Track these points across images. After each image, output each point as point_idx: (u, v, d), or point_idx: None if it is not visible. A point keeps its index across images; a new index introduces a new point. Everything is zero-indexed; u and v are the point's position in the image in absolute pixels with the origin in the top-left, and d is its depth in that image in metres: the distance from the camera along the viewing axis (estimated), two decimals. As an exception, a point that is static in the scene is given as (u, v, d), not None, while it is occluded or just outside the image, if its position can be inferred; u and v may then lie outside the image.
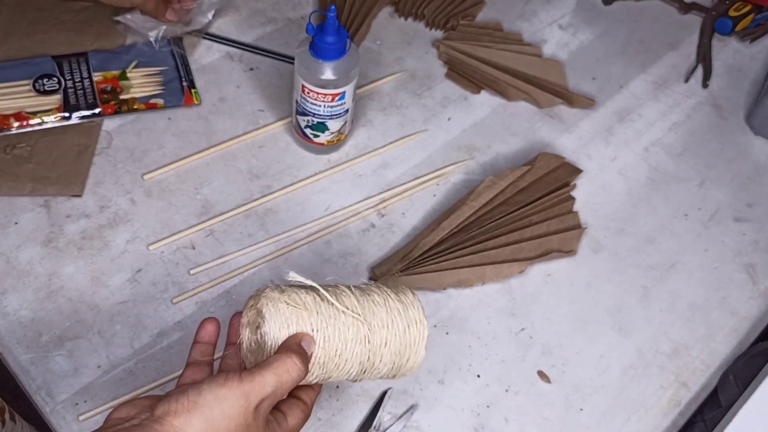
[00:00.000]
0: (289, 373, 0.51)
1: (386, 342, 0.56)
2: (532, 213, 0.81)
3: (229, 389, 0.48)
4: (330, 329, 0.54)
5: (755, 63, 1.02)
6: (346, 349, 0.55)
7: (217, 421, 0.47)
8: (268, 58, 0.92)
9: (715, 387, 0.74)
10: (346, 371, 0.56)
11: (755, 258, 0.83)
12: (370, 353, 0.56)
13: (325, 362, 0.55)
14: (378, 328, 0.56)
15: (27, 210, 0.76)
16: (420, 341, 0.57)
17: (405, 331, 0.57)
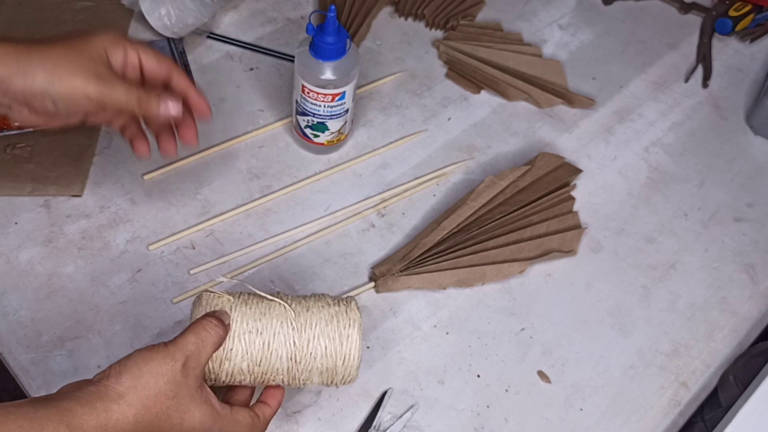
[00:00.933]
0: (207, 331, 0.55)
1: (315, 337, 0.58)
2: (532, 213, 0.81)
3: (155, 351, 0.52)
4: (254, 317, 0.57)
5: (755, 63, 1.02)
6: (269, 337, 0.57)
7: (145, 378, 0.51)
8: (269, 57, 0.92)
9: (715, 387, 0.74)
10: (273, 365, 0.57)
11: (755, 258, 0.83)
12: (297, 343, 0.57)
13: (248, 350, 0.57)
14: (307, 325, 0.58)
15: (27, 210, 0.76)
16: (353, 350, 0.58)
17: (336, 332, 0.58)
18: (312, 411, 0.68)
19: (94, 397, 0.49)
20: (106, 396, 0.50)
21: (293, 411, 0.68)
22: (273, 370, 0.58)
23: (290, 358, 0.57)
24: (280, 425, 0.67)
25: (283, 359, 0.57)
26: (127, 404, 0.50)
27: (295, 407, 0.68)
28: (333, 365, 0.58)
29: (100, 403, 0.49)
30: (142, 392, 0.51)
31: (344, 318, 0.59)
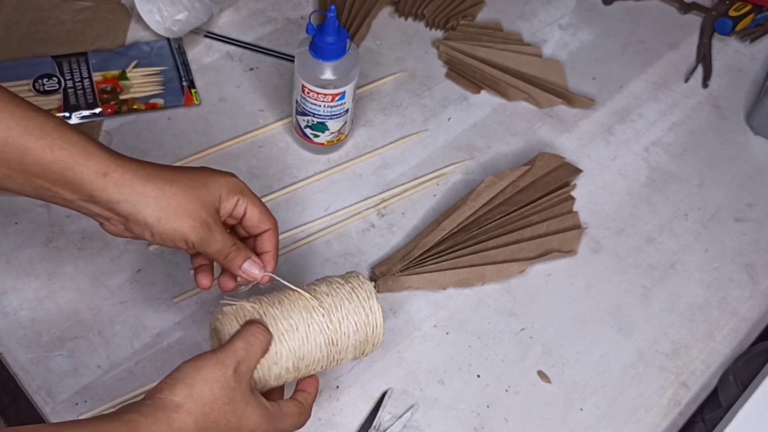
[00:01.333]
0: (256, 336, 0.56)
1: (344, 317, 0.59)
2: (532, 213, 0.81)
3: (205, 359, 0.53)
4: (284, 316, 0.58)
5: (755, 63, 1.02)
6: (305, 329, 0.58)
7: (199, 386, 0.51)
8: (269, 57, 0.92)
9: (715, 387, 0.74)
10: (314, 355, 0.59)
11: (755, 258, 0.83)
12: (330, 326, 0.59)
13: (291, 347, 0.58)
14: (333, 308, 0.59)
15: (27, 210, 0.76)
16: (378, 317, 0.61)
17: (359, 306, 0.60)
18: (312, 411, 0.68)
19: (154, 409, 0.50)
20: (165, 407, 0.50)
21: (293, 411, 0.68)
22: (314, 360, 0.59)
23: (328, 343, 0.59)
24: (280, 425, 0.67)
25: (322, 346, 0.59)
26: (186, 413, 0.50)
27: (295, 407, 0.68)
28: (364, 337, 0.61)
29: (161, 413, 0.50)
30: (199, 400, 0.51)
31: (361, 291, 0.61)
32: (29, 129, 0.53)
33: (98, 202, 0.55)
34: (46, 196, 0.56)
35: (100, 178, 0.55)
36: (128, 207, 0.56)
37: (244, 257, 0.61)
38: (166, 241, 0.57)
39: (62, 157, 0.54)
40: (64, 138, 0.54)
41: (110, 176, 0.55)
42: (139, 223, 0.56)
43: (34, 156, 0.53)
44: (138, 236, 0.58)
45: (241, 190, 0.61)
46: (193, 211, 0.57)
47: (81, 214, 0.58)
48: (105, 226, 0.59)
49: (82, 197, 0.55)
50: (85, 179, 0.54)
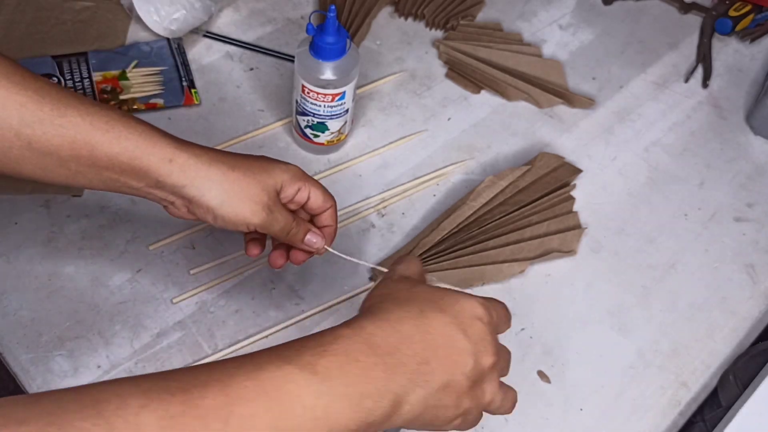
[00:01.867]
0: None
1: None
2: (532, 213, 0.81)
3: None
4: None
5: (755, 63, 1.02)
6: None
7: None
8: (269, 57, 0.92)
9: (715, 387, 0.74)
10: None
11: (755, 258, 0.83)
12: None
13: None
14: None
15: (27, 210, 0.76)
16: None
17: None
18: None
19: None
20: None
21: (293, 411, 0.68)
22: None
23: None
24: (280, 425, 0.67)
25: None
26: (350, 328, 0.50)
27: (295, 407, 0.68)
28: None
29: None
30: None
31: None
32: (95, 124, 0.55)
33: (164, 187, 0.58)
34: (114, 187, 0.58)
35: (165, 164, 0.57)
36: (192, 191, 0.58)
37: (305, 231, 0.64)
38: (227, 224, 0.59)
39: (129, 147, 0.56)
40: (129, 129, 0.57)
41: (175, 162, 0.57)
42: (202, 206, 0.58)
43: (103, 149, 0.55)
44: (201, 218, 0.60)
45: (304, 178, 0.63)
46: (255, 195, 0.59)
47: (146, 199, 0.60)
48: (169, 209, 0.61)
49: (149, 184, 0.58)
50: (152, 166, 0.57)
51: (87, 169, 0.56)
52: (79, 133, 0.55)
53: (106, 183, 0.57)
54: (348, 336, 0.46)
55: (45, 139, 0.54)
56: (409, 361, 0.47)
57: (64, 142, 0.55)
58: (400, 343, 0.47)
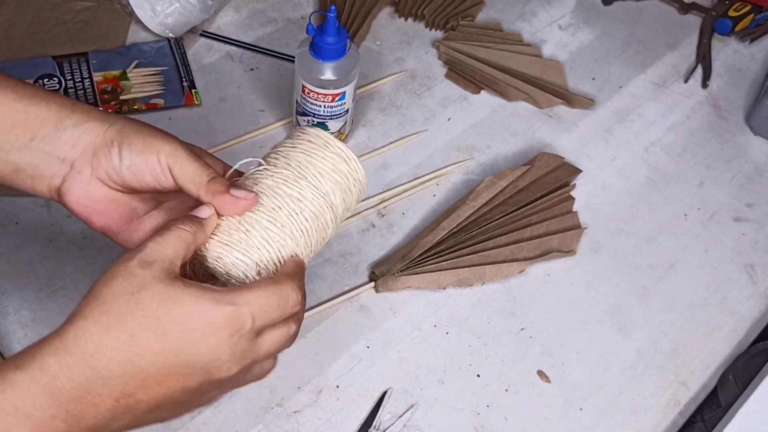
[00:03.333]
0: (171, 230, 0.47)
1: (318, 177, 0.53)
2: (531, 213, 0.81)
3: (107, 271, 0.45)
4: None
5: (755, 63, 1.02)
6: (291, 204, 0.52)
7: (96, 291, 0.44)
8: (269, 57, 0.92)
9: (715, 387, 0.74)
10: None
11: (755, 258, 0.83)
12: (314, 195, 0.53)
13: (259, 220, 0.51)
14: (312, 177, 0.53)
15: (27, 210, 0.77)
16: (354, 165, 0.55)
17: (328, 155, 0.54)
18: (312, 411, 0.68)
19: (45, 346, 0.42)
20: (57, 335, 0.42)
21: (293, 411, 0.68)
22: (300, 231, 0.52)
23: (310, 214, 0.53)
24: (280, 425, 0.67)
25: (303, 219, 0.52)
26: (81, 318, 0.42)
27: (295, 407, 0.68)
28: (346, 188, 0.54)
29: (49, 342, 0.42)
30: (94, 302, 0.42)
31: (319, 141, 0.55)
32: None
33: (65, 130, 0.50)
34: (2, 154, 0.50)
35: (67, 105, 0.51)
36: (96, 125, 0.50)
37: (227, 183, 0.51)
38: (136, 161, 0.50)
39: (26, 94, 0.50)
40: (22, 84, 0.51)
41: (76, 105, 0.51)
42: (107, 141, 0.50)
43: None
44: (104, 173, 0.50)
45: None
46: (162, 134, 0.52)
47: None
48: (68, 188, 0.51)
49: (45, 134, 0.50)
50: (53, 105, 0.50)
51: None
52: None
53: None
54: (21, 385, 0.39)
55: None
56: (103, 401, 0.40)
57: None
58: (92, 382, 0.40)
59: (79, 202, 0.51)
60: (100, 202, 0.52)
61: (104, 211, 0.52)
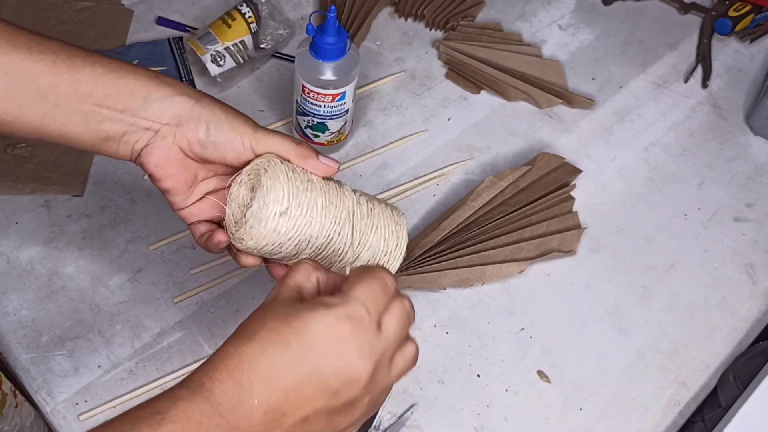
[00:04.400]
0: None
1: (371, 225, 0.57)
2: (531, 213, 0.81)
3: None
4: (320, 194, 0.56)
5: (755, 63, 1.02)
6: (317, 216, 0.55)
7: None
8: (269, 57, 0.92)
9: (715, 387, 0.74)
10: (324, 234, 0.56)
11: (755, 258, 0.83)
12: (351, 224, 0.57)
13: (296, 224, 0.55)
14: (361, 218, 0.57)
15: (28, 210, 0.77)
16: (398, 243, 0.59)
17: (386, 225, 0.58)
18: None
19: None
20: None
21: (293, 411, 0.68)
22: (322, 238, 0.56)
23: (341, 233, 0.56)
24: (280, 425, 0.67)
25: (334, 233, 0.56)
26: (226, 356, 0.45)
27: (296, 407, 0.68)
28: (381, 252, 0.58)
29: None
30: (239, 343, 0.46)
31: (397, 217, 0.59)
32: (75, 51, 0.54)
33: (152, 104, 0.54)
34: (94, 125, 0.54)
35: (153, 78, 0.55)
36: (182, 100, 0.55)
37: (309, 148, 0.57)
38: (222, 138, 0.55)
39: (114, 68, 0.54)
40: (111, 60, 0.55)
41: (162, 78, 0.56)
42: (194, 116, 0.55)
43: (86, 71, 0.53)
44: (189, 145, 0.56)
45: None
46: (246, 119, 0.57)
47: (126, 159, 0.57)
48: (153, 152, 0.56)
49: (135, 108, 0.54)
50: (139, 81, 0.54)
51: (67, 99, 0.52)
52: (60, 56, 0.52)
53: (87, 119, 0.53)
54: (186, 398, 0.43)
55: (24, 66, 0.51)
56: (253, 413, 0.44)
57: (44, 67, 0.52)
58: (241, 394, 0.44)
59: (157, 164, 0.56)
60: (173, 165, 0.57)
61: (175, 174, 0.57)
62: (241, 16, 0.87)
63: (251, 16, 0.87)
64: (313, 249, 0.56)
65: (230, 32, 0.86)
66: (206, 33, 0.87)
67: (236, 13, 0.87)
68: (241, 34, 0.87)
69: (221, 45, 0.86)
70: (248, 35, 0.87)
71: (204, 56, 0.86)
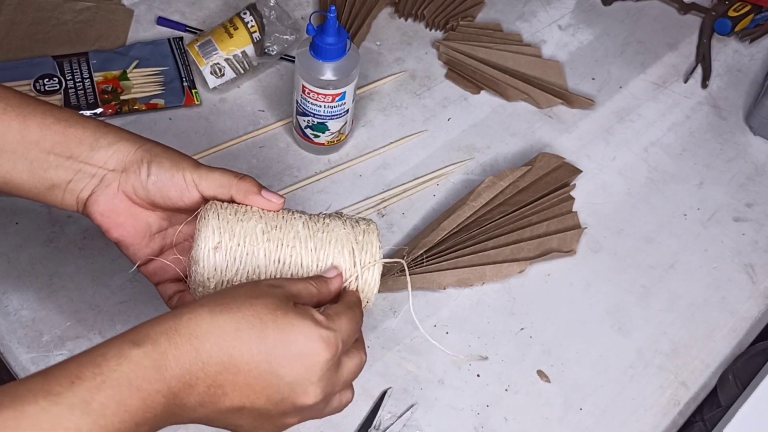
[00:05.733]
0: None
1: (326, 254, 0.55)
2: (531, 213, 0.81)
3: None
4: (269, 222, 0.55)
5: (754, 63, 1.02)
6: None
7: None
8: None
9: (715, 387, 0.74)
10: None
11: (754, 258, 0.83)
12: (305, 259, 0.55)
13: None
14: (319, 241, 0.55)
15: (28, 210, 0.77)
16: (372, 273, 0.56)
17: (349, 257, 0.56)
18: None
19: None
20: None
21: (293, 410, 0.68)
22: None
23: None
24: (280, 425, 0.67)
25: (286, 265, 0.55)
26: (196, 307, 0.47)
27: (296, 407, 0.68)
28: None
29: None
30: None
31: (362, 236, 0.57)
32: (28, 101, 0.55)
33: (98, 151, 0.55)
34: (39, 172, 0.55)
35: (101, 127, 0.56)
36: (127, 145, 0.56)
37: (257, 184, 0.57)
38: (163, 178, 0.55)
39: (62, 118, 0.55)
40: (61, 110, 0.56)
41: (109, 128, 0.57)
42: (136, 160, 0.55)
43: (35, 118, 0.54)
44: (132, 190, 0.56)
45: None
46: (186, 158, 0.57)
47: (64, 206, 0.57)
48: (95, 201, 0.56)
49: (81, 154, 0.55)
50: (87, 130, 0.55)
51: (14, 146, 0.54)
52: (10, 104, 0.54)
53: (32, 166, 0.54)
54: (134, 360, 0.42)
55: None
56: (197, 384, 0.44)
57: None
58: (193, 364, 0.44)
59: (102, 213, 0.56)
60: (120, 214, 0.57)
61: (123, 224, 0.57)
62: (243, 25, 0.86)
63: (254, 26, 0.86)
64: (269, 276, 0.55)
65: (231, 42, 0.85)
66: (207, 41, 0.86)
67: (239, 21, 0.86)
68: (243, 45, 0.86)
69: (222, 56, 0.85)
70: (250, 45, 0.86)
71: (203, 68, 0.85)
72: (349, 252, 0.56)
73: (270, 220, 0.55)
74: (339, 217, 0.58)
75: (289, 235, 0.55)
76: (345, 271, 0.55)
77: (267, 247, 0.54)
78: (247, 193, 0.56)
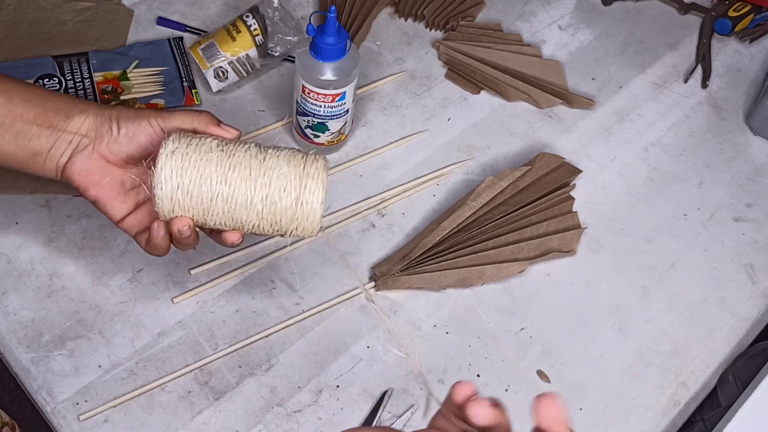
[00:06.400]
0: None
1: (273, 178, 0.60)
2: (531, 213, 0.81)
3: None
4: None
5: (754, 63, 1.02)
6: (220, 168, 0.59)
7: None
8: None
9: (715, 387, 0.74)
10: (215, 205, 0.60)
11: (754, 258, 0.83)
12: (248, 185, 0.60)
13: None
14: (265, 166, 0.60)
15: (28, 210, 0.77)
16: (315, 194, 0.60)
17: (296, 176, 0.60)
18: (312, 410, 0.68)
19: None
20: None
21: (293, 411, 0.68)
22: (212, 208, 0.60)
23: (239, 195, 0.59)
24: (280, 425, 0.67)
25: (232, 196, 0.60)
26: None
27: (296, 407, 0.68)
28: (289, 213, 0.60)
29: None
30: None
31: (310, 165, 0.60)
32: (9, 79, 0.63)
33: (74, 116, 0.62)
34: (24, 142, 0.61)
35: (75, 99, 0.64)
36: (97, 108, 0.62)
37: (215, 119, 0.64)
38: (130, 124, 0.61)
39: (42, 91, 0.63)
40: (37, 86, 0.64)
41: (80, 99, 0.65)
42: (105, 116, 0.62)
43: (18, 89, 0.61)
44: (104, 148, 0.62)
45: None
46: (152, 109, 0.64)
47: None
48: (74, 164, 0.62)
49: (61, 122, 0.61)
50: (64, 99, 0.63)
51: (2, 120, 0.60)
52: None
53: (18, 137, 0.60)
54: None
55: None
56: None
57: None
58: None
59: (79, 173, 0.62)
60: (96, 173, 0.62)
61: (99, 182, 0.62)
62: (246, 29, 0.85)
63: (257, 29, 0.85)
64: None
65: (234, 45, 0.85)
66: (210, 44, 0.86)
67: (241, 25, 0.86)
68: (246, 48, 0.86)
69: (225, 59, 0.85)
70: (253, 48, 0.86)
71: (207, 71, 0.85)
72: (295, 166, 0.60)
73: (225, 143, 0.61)
74: (291, 150, 0.62)
75: (241, 150, 0.60)
76: (289, 182, 0.59)
77: (219, 156, 0.60)
78: (208, 123, 0.64)
